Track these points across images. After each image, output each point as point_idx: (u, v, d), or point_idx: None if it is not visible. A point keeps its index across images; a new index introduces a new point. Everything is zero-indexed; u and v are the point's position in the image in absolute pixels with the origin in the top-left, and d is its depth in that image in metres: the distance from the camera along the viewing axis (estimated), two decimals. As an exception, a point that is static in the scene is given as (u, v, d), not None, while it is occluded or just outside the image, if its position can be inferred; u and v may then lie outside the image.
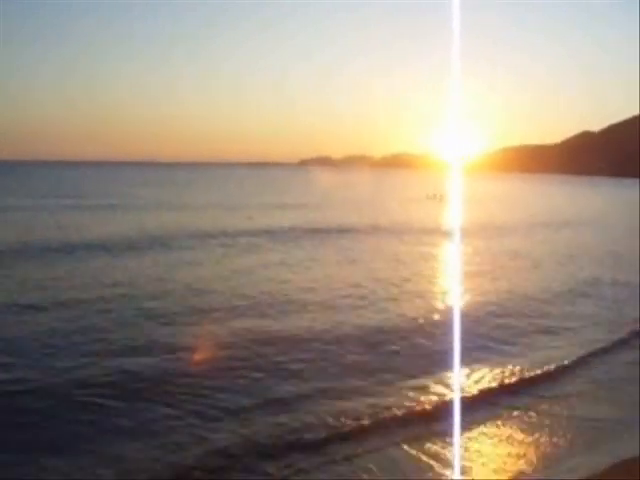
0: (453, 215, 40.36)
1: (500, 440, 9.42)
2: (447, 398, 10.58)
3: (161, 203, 56.22)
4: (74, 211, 46.02)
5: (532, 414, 10.33)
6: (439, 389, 11.14)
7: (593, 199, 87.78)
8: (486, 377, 11.88)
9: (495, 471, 8.45)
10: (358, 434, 9.34)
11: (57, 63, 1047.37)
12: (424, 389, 11.14)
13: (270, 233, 34.35)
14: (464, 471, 8.27)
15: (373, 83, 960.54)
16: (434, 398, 10.74)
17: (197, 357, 12.48)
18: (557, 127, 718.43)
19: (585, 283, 22.40)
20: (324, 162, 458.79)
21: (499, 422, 10.03)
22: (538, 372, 12.36)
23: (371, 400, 10.52)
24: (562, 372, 12.55)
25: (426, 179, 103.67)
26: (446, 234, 34.41)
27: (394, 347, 13.64)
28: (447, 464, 8.41)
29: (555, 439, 9.41)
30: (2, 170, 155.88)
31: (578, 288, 21.43)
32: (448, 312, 16.47)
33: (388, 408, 10.19)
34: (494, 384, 11.63)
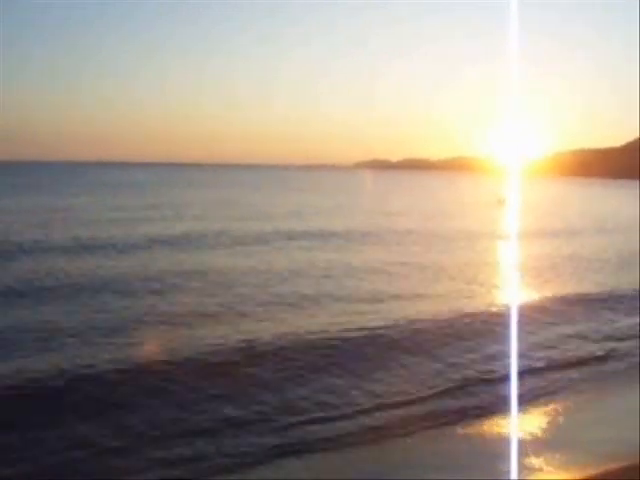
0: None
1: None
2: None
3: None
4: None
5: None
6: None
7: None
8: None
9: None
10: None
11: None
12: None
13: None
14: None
15: (432, 85, 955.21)
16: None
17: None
18: (618, 130, 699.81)
19: None
20: (381, 165, 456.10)
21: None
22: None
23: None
24: None
25: (491, 183, 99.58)
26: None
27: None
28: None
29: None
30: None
31: None
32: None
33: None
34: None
